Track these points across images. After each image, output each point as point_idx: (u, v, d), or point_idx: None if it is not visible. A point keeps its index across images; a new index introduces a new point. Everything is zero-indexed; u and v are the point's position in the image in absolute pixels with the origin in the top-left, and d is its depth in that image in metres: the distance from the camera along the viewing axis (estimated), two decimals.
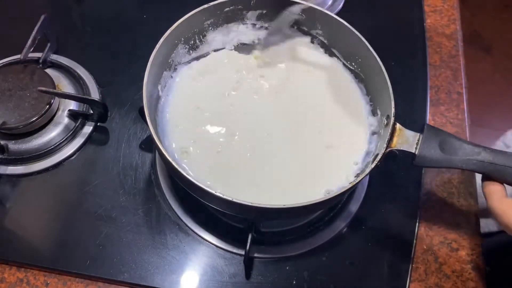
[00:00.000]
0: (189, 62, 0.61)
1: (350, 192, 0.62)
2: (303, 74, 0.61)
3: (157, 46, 0.53)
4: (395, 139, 0.50)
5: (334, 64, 0.61)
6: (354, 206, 0.61)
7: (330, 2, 0.77)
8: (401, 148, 0.49)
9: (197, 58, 0.62)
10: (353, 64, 0.60)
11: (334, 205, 0.61)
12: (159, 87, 0.57)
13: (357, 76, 0.60)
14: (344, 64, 0.61)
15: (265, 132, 0.57)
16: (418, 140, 0.49)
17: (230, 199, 0.45)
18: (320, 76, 0.61)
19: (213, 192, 0.45)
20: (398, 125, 0.50)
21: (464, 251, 0.60)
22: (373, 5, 0.80)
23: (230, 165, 0.54)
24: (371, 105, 0.58)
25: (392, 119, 0.50)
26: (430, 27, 0.78)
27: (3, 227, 0.59)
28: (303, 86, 0.60)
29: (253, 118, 0.58)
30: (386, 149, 0.49)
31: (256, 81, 0.60)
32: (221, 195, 0.45)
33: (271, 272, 0.57)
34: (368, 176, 0.58)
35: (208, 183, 0.52)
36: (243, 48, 0.64)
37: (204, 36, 0.61)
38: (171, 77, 0.59)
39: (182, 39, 0.58)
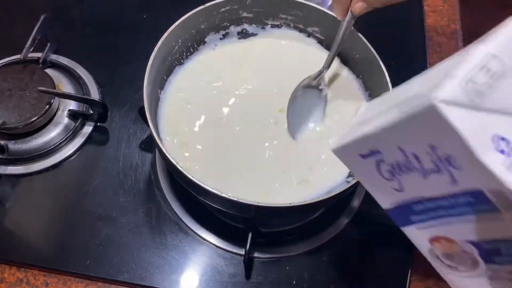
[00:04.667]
0: (187, 62, 0.61)
1: (350, 192, 0.61)
2: (300, 70, 0.61)
3: (156, 48, 0.53)
4: None
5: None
6: (354, 206, 0.61)
7: (330, 2, 0.77)
8: None
9: (195, 58, 0.62)
10: (350, 60, 0.60)
11: (334, 204, 0.61)
12: (159, 87, 0.57)
13: (354, 72, 0.60)
14: (341, 61, 0.61)
15: (265, 129, 0.57)
16: None
17: (236, 199, 0.45)
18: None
19: (217, 192, 0.45)
20: None
21: None
22: None
23: (231, 164, 0.54)
24: (370, 100, 0.58)
25: None
26: (430, 27, 0.78)
27: (3, 227, 0.59)
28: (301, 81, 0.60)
29: (251, 117, 0.57)
30: None
31: (254, 79, 0.60)
32: (226, 195, 0.45)
33: (271, 272, 0.57)
34: None
35: (209, 182, 0.52)
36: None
37: (201, 36, 0.61)
38: (171, 77, 0.59)
39: (180, 40, 0.58)
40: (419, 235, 0.35)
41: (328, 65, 0.56)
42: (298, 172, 0.54)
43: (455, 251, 0.32)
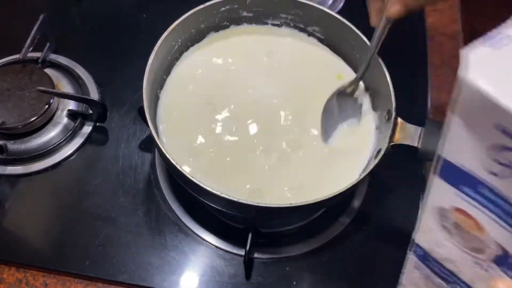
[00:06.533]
0: (187, 61, 0.61)
1: (350, 192, 0.61)
2: (301, 69, 0.61)
3: (155, 48, 0.53)
4: (397, 134, 0.49)
5: (331, 59, 0.61)
6: (355, 206, 0.61)
7: (330, 2, 0.77)
8: (404, 143, 0.49)
9: (195, 57, 0.61)
10: (350, 60, 0.60)
11: (335, 204, 0.61)
12: (158, 87, 0.57)
13: (355, 71, 0.60)
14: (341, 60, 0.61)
15: (268, 127, 0.56)
16: (420, 134, 0.49)
17: (236, 199, 0.45)
18: (317, 70, 0.61)
19: (217, 193, 0.45)
20: (399, 119, 0.50)
21: None
22: None
23: (231, 164, 0.54)
24: (371, 100, 0.58)
25: (394, 113, 0.50)
26: (431, 26, 0.78)
27: (2, 227, 0.58)
28: (300, 82, 0.60)
29: (253, 115, 0.57)
30: (389, 143, 0.49)
31: (254, 79, 0.60)
32: (226, 196, 0.45)
33: (271, 272, 0.57)
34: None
35: (209, 182, 0.51)
36: None
37: (201, 36, 0.61)
38: (170, 76, 0.59)
39: (179, 40, 0.58)
40: (445, 192, 0.30)
41: (361, 74, 0.54)
42: (303, 174, 0.54)
43: (469, 229, 0.28)
